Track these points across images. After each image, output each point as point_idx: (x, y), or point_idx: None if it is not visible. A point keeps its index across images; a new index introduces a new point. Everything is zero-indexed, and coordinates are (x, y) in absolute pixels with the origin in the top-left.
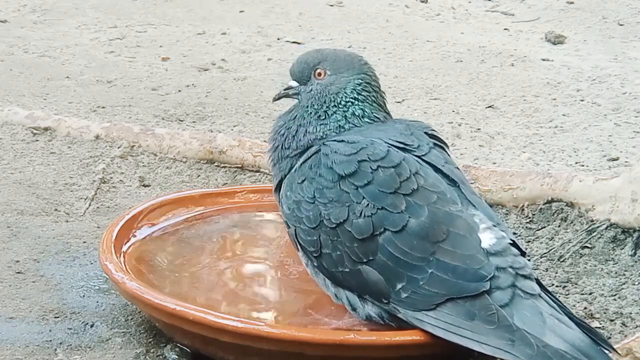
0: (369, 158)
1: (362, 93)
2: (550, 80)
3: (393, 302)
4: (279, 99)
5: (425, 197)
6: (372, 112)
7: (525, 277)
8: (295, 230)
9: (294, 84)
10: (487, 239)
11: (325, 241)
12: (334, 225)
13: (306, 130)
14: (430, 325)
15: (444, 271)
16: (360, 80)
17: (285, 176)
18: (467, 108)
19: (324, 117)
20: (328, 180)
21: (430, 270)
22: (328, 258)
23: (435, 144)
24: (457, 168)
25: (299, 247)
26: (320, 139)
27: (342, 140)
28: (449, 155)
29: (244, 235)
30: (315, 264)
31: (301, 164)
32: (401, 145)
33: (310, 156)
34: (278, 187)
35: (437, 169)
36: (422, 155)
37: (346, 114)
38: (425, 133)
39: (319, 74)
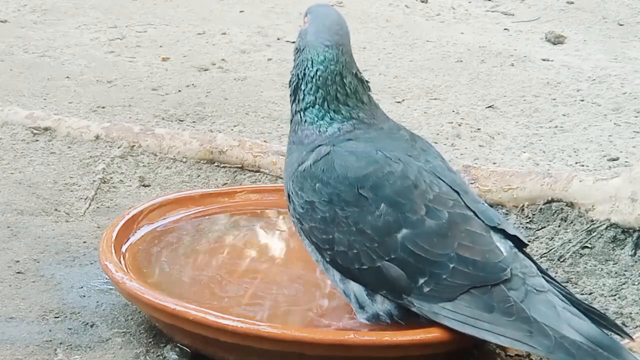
0: (384, 173)
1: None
2: (550, 80)
3: (411, 297)
4: None
5: (443, 203)
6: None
7: (533, 276)
8: (309, 227)
9: None
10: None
11: (341, 240)
12: (351, 227)
13: (305, 121)
14: (447, 319)
15: (465, 265)
16: (323, 67)
17: (295, 169)
18: (467, 108)
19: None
20: (344, 185)
21: (452, 265)
22: (343, 255)
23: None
24: (459, 176)
25: (311, 243)
26: (324, 139)
27: (353, 152)
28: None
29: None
30: (328, 259)
31: (311, 165)
32: (410, 156)
33: (320, 158)
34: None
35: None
36: (429, 166)
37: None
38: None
39: (305, 22)
